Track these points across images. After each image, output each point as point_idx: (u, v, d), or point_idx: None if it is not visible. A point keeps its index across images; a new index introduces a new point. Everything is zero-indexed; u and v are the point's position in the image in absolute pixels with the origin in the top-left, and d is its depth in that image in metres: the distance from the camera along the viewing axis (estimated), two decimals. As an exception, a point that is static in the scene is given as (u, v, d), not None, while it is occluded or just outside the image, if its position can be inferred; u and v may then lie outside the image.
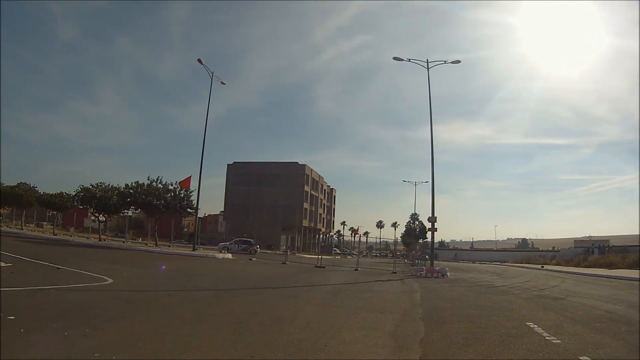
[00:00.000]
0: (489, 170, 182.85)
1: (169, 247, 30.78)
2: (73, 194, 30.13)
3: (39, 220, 52.92)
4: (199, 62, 27.98)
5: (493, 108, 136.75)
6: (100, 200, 28.12)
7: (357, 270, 21.69)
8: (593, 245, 52.20)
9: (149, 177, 28.18)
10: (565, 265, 36.80)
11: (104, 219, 32.98)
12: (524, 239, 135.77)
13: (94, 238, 31.59)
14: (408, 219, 72.24)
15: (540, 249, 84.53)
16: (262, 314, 6.73)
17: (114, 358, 3.84)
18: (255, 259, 24.67)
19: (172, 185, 28.88)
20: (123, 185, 29.12)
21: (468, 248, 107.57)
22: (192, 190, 29.26)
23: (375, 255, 76.84)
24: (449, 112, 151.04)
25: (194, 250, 27.11)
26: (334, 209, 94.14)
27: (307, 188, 70.22)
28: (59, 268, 10.84)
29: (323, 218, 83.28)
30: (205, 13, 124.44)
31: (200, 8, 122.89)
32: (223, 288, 10.70)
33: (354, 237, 67.82)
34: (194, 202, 29.46)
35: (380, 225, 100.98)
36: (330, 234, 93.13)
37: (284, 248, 35.55)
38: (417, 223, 66.26)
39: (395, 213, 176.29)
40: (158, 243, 29.54)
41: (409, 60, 23.83)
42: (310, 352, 4.53)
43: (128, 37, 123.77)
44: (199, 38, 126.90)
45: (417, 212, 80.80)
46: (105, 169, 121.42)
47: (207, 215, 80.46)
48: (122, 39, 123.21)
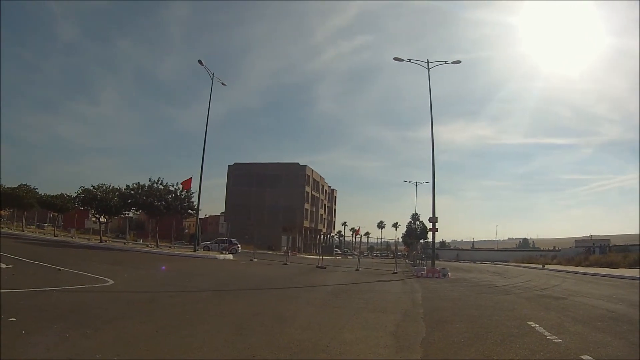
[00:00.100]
0: (490, 170, 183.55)
1: (170, 248, 30.79)
2: (74, 196, 30.12)
3: (40, 222, 52.81)
4: (200, 63, 27.69)
5: (493, 108, 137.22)
6: (101, 202, 28.12)
7: (358, 271, 21.69)
8: (594, 245, 52.22)
9: (150, 178, 28.25)
10: (566, 265, 36.79)
11: (105, 220, 32.90)
12: (525, 239, 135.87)
13: (95, 239, 31.56)
14: (409, 219, 72.08)
15: (541, 249, 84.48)
16: (263, 315, 6.74)
17: (115, 359, 3.85)
18: (256, 260, 24.63)
19: (173, 186, 28.98)
20: (124, 187, 29.25)
21: (469, 248, 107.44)
22: (192, 191, 29.34)
23: (377, 256, 76.74)
24: (450, 112, 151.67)
25: (195, 251, 27.11)
26: (335, 210, 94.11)
27: (307, 189, 70.18)
28: (60, 269, 10.85)
29: (324, 219, 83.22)
30: (205, 13, 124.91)
31: (200, 8, 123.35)
32: (224, 289, 10.70)
33: (355, 237, 68.04)
34: (195, 203, 29.50)
35: (381, 226, 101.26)
36: (331, 235, 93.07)
37: (285, 249, 35.45)
38: (418, 223, 66.10)
39: (396, 213, 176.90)
40: (159, 244, 29.59)
41: (410, 61, 23.86)
42: (312, 352, 4.53)
43: (128, 37, 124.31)
44: (199, 38, 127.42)
45: (418, 212, 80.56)
46: (106, 170, 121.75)
47: (208, 216, 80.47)
48: (122, 40, 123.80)
